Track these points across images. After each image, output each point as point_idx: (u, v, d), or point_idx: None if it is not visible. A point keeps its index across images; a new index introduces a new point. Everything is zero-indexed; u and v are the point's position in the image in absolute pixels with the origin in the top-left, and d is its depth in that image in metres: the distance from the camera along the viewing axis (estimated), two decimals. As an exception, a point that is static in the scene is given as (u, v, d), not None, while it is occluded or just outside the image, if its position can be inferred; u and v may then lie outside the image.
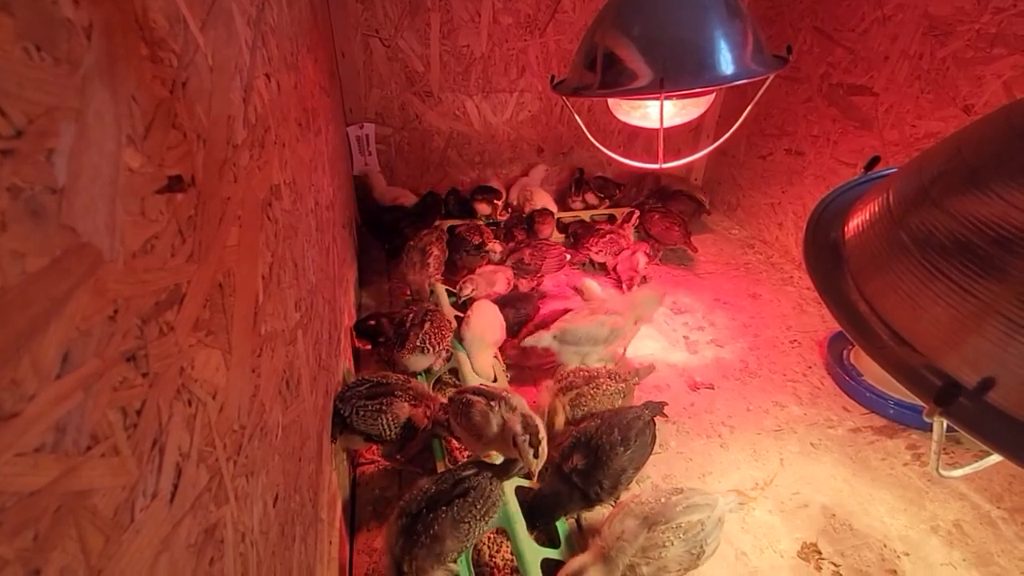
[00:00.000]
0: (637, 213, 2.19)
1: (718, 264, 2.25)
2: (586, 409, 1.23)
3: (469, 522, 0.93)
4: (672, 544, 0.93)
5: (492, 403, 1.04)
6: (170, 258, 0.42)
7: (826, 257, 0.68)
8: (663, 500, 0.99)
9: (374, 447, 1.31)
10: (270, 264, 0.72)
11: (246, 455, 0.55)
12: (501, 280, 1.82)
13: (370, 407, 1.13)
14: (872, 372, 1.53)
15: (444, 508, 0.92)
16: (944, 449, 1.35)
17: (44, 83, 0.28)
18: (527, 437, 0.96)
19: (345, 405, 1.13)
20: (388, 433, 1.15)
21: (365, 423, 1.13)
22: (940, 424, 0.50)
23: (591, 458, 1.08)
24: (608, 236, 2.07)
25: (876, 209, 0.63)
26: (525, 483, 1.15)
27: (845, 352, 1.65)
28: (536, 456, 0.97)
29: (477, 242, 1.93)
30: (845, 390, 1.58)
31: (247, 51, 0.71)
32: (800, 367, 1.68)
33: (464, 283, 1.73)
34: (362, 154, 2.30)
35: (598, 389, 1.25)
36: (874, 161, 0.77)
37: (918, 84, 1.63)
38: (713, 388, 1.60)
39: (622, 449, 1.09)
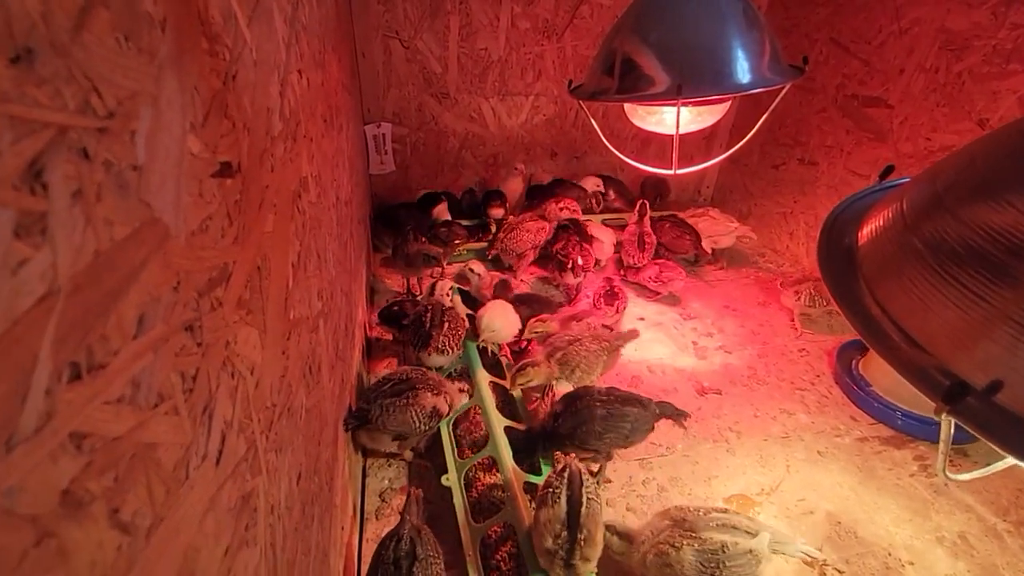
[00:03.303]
0: (645, 203, 2.18)
1: (728, 271, 2.26)
2: (573, 365, 1.40)
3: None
4: (681, 547, 0.92)
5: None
6: (220, 238, 0.44)
7: (840, 261, 0.70)
8: (702, 513, 0.99)
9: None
10: (298, 252, 0.75)
11: (276, 432, 0.58)
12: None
13: (397, 404, 1.16)
14: (881, 383, 1.53)
15: None
16: (951, 461, 1.35)
17: (130, 70, 0.31)
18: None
19: (373, 407, 1.15)
20: (416, 426, 1.18)
21: (395, 421, 1.16)
22: (948, 424, 0.52)
23: (571, 408, 1.22)
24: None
25: (890, 216, 0.65)
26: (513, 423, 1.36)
27: (854, 362, 1.65)
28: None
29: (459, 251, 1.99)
30: (853, 400, 1.58)
31: (283, 48, 0.74)
32: (808, 376, 1.69)
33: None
34: (378, 153, 2.33)
35: (581, 346, 1.41)
36: (888, 170, 0.79)
37: (933, 97, 1.64)
38: (720, 393, 1.61)
39: (600, 414, 1.20)
